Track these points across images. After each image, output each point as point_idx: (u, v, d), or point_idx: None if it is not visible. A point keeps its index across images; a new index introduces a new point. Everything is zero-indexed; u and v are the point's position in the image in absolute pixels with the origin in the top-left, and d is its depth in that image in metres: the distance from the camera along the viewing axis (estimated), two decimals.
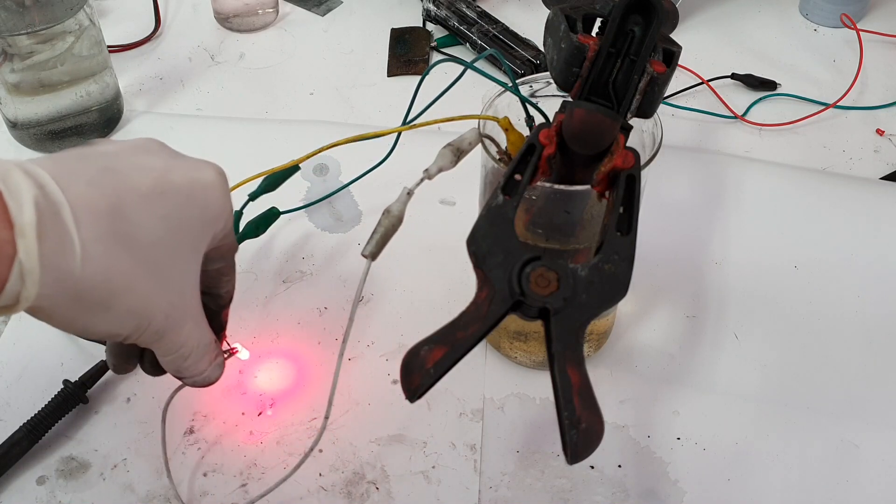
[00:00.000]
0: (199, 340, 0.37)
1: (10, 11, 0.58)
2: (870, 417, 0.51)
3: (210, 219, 0.36)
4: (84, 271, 0.30)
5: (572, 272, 0.35)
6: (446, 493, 0.47)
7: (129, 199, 0.32)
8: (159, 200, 0.33)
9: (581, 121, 0.37)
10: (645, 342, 0.55)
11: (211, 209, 0.36)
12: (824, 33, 0.84)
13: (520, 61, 0.74)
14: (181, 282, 0.35)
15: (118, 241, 0.31)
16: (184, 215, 0.35)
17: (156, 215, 0.33)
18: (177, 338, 0.36)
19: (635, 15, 0.37)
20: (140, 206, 0.33)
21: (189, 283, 0.36)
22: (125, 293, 0.32)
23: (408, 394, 0.34)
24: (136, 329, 0.33)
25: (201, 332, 0.38)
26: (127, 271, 0.32)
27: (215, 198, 0.36)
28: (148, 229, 0.33)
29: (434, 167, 0.40)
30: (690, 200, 0.64)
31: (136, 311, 0.33)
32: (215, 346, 0.40)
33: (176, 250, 0.34)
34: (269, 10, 0.83)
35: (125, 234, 0.32)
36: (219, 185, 0.37)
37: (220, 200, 0.37)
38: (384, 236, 0.40)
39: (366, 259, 0.40)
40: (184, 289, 0.35)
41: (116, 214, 0.32)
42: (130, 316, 0.33)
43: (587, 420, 0.33)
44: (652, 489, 0.47)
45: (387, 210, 0.40)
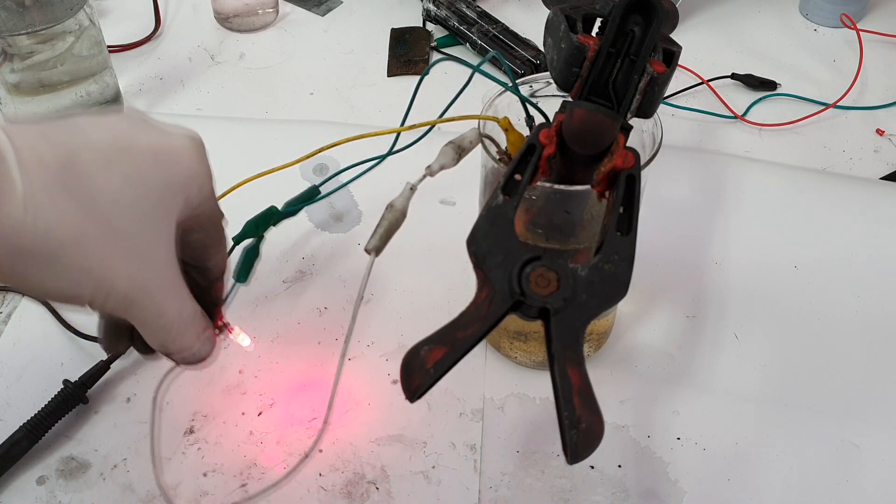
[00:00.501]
0: (179, 311, 0.36)
1: (10, 11, 0.58)
2: (870, 417, 0.51)
3: (180, 184, 0.35)
4: (26, 220, 0.29)
5: (572, 272, 0.35)
6: (446, 493, 0.47)
7: (84, 154, 0.31)
8: (120, 159, 0.32)
9: (581, 121, 0.37)
10: (645, 342, 0.55)
11: (181, 173, 0.35)
12: (824, 33, 0.84)
13: (520, 61, 0.74)
14: (149, 247, 0.33)
15: (69, 195, 0.30)
16: (149, 178, 0.33)
17: (116, 174, 0.32)
18: (150, 306, 0.34)
19: (635, 15, 0.37)
20: (97, 163, 0.32)
21: (160, 249, 0.34)
22: (75, 249, 0.31)
23: (408, 394, 0.34)
24: (96, 292, 0.32)
25: (181, 302, 0.36)
26: (77, 226, 0.31)
27: (186, 162, 0.35)
28: (106, 187, 0.32)
29: (436, 164, 0.40)
30: (690, 200, 0.64)
31: (91, 271, 0.31)
32: (202, 318, 0.38)
33: (141, 213, 0.33)
34: (269, 10, 0.83)
35: (78, 188, 0.31)
36: (190, 148, 0.35)
37: (193, 165, 0.35)
38: (388, 230, 0.39)
39: (369, 254, 0.39)
40: (152, 254, 0.34)
41: (69, 168, 0.31)
42: (85, 276, 0.31)
43: (587, 420, 0.33)
44: (652, 489, 0.47)
45: (390, 205, 0.40)
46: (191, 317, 0.37)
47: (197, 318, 0.37)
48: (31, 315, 0.56)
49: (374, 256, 0.39)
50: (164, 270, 0.35)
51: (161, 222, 0.34)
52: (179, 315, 0.36)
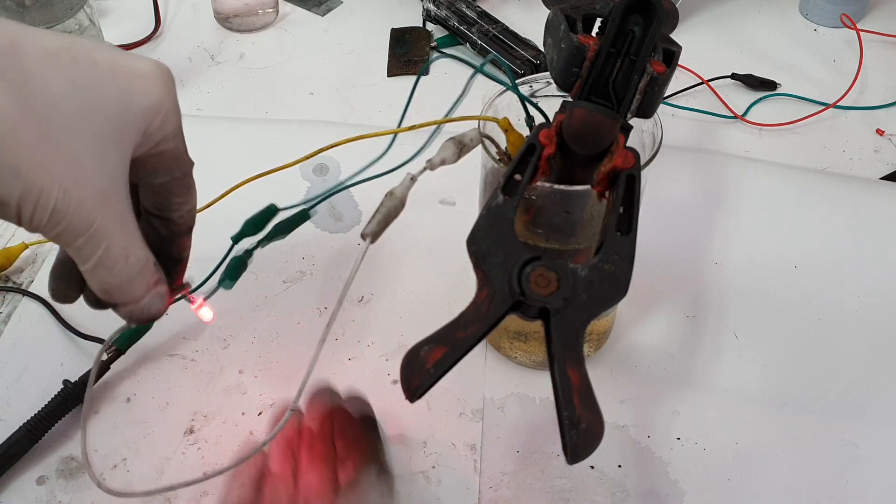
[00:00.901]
0: (125, 249, 0.32)
1: (10, 11, 0.58)
2: (870, 417, 0.51)
3: (140, 108, 0.32)
4: None
5: (572, 272, 0.35)
6: (446, 493, 0.47)
7: (30, 48, 0.29)
8: (70, 64, 0.30)
9: (581, 121, 0.37)
10: (645, 342, 0.55)
11: (141, 98, 0.32)
12: (824, 33, 0.84)
13: (520, 61, 0.74)
14: (92, 164, 0.31)
15: (4, 82, 0.28)
16: (101, 91, 0.31)
17: (62, 76, 0.30)
18: (88, 231, 0.31)
19: (635, 15, 0.37)
20: (43, 60, 0.29)
21: (105, 171, 0.31)
22: (3, 140, 0.28)
23: (408, 394, 0.34)
24: (23, 197, 0.29)
25: (130, 241, 0.32)
26: (8, 115, 0.28)
27: (148, 87, 0.32)
28: (48, 86, 0.29)
29: (437, 158, 0.40)
30: (690, 200, 0.64)
31: (19, 168, 0.28)
32: (154, 269, 0.34)
33: (85, 126, 0.30)
34: (269, 10, 0.83)
35: (15, 78, 0.28)
36: (156, 75, 0.33)
37: (155, 91, 0.33)
38: (385, 216, 0.39)
39: (365, 240, 0.39)
40: (95, 172, 0.31)
41: (10, 54, 0.28)
42: (12, 175, 0.28)
43: (587, 420, 0.33)
44: (652, 489, 0.47)
45: (389, 192, 0.40)
46: (139, 262, 0.33)
47: (148, 267, 0.34)
48: (31, 315, 0.56)
49: (370, 242, 0.38)
50: (109, 196, 0.31)
51: (110, 142, 0.31)
52: (125, 254, 0.32)
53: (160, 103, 0.33)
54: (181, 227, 0.38)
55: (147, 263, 0.34)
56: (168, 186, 0.36)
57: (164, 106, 0.33)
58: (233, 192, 0.53)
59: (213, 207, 0.55)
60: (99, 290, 0.33)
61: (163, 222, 0.37)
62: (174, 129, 0.34)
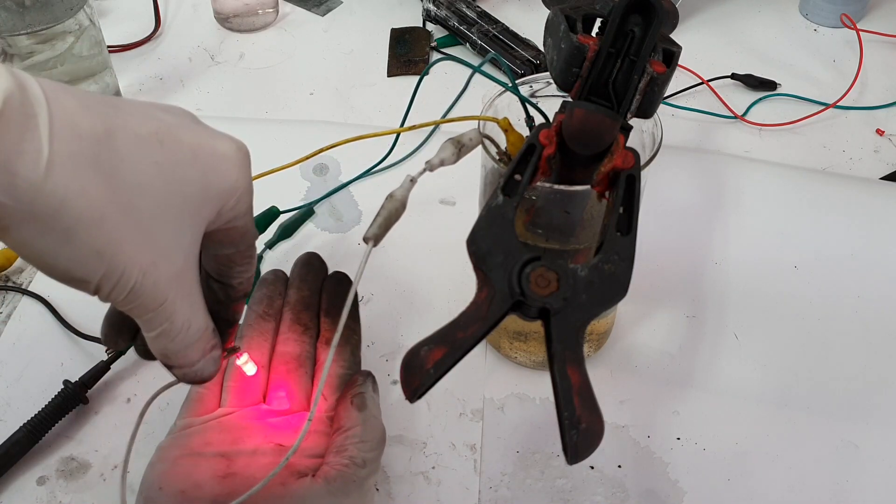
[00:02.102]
0: (188, 320, 0.34)
1: (10, 11, 0.58)
2: (870, 417, 0.51)
3: (217, 190, 0.33)
4: (46, 184, 0.27)
5: (572, 272, 0.35)
6: (446, 494, 0.47)
7: (122, 133, 0.30)
8: (156, 147, 0.31)
9: (581, 121, 0.37)
10: (645, 342, 0.55)
11: (219, 180, 0.33)
12: (824, 33, 0.84)
13: (520, 61, 0.74)
14: (169, 244, 0.32)
15: (96, 170, 0.29)
16: (183, 174, 0.32)
17: (149, 161, 0.31)
18: (159, 305, 0.32)
19: (635, 15, 0.37)
20: (133, 146, 0.30)
21: (180, 251, 0.33)
22: (91, 226, 0.29)
23: (408, 394, 0.34)
24: (105, 277, 0.30)
25: (193, 313, 0.34)
26: (98, 203, 0.29)
27: (227, 169, 0.33)
28: (136, 171, 0.30)
29: (436, 159, 0.40)
30: (690, 200, 0.64)
31: (103, 253, 0.30)
32: (211, 335, 0.36)
33: (167, 208, 0.32)
34: (269, 10, 0.83)
35: (107, 166, 0.29)
36: (235, 158, 0.34)
37: (234, 174, 0.34)
38: (387, 219, 0.39)
39: (367, 243, 0.39)
40: (172, 253, 0.32)
41: (103, 143, 0.29)
42: (97, 258, 0.29)
43: (587, 420, 0.33)
44: (652, 489, 0.47)
45: (390, 195, 0.39)
46: (200, 331, 0.35)
47: (207, 335, 0.36)
48: (31, 315, 0.56)
49: (372, 246, 0.38)
50: (181, 273, 0.33)
51: (188, 223, 0.33)
52: (188, 325, 0.34)
53: (237, 185, 0.34)
54: (239, 293, 0.40)
55: (206, 331, 0.36)
56: (232, 257, 0.38)
57: (240, 188, 0.34)
58: None
59: None
60: (158, 354, 0.35)
61: (222, 287, 0.39)
62: (246, 209, 0.36)
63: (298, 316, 0.47)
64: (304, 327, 0.46)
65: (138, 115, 0.31)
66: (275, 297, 0.47)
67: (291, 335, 0.46)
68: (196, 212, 0.33)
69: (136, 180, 0.30)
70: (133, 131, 0.31)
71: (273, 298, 0.47)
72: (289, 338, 0.46)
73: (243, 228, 0.37)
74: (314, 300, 0.48)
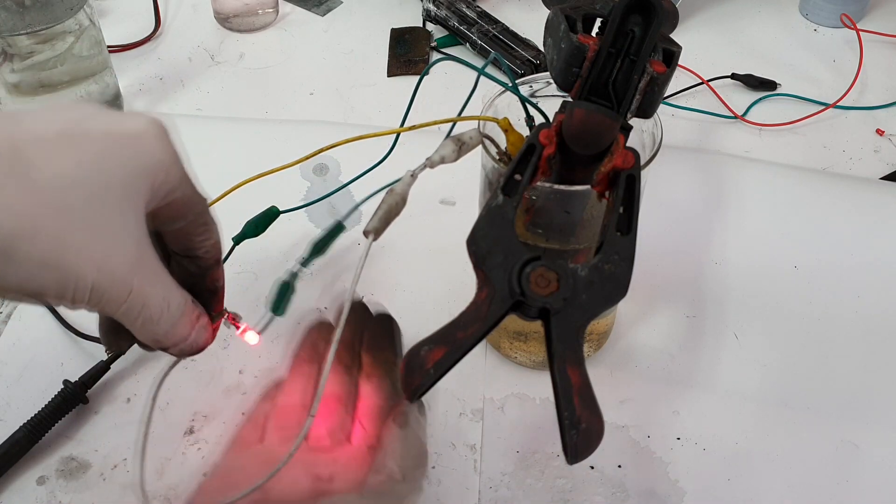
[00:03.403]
0: (164, 299, 0.34)
1: (10, 11, 0.58)
2: (870, 417, 0.51)
3: (142, 168, 0.33)
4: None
5: (572, 272, 0.35)
6: (446, 493, 0.47)
7: (29, 143, 0.30)
8: (69, 145, 0.31)
9: (581, 121, 0.37)
10: (645, 342, 0.54)
11: (141, 158, 0.33)
12: (824, 33, 0.84)
13: (520, 61, 0.74)
14: (114, 233, 0.32)
15: (15, 183, 0.29)
16: (104, 162, 0.32)
17: (66, 159, 0.31)
18: (128, 295, 0.32)
19: (635, 15, 0.37)
20: (44, 150, 0.30)
21: (127, 236, 0.33)
22: (27, 240, 0.29)
23: (408, 394, 0.34)
24: (60, 284, 0.30)
25: (166, 290, 0.34)
26: (26, 215, 0.29)
27: (145, 146, 0.33)
28: (56, 174, 0.30)
29: (436, 156, 0.40)
30: (690, 200, 0.64)
31: (48, 262, 0.30)
32: (193, 306, 0.36)
33: (99, 199, 0.31)
34: (269, 10, 0.83)
35: (24, 176, 0.29)
36: (150, 132, 0.34)
37: (154, 148, 0.34)
38: (386, 213, 0.39)
39: (367, 237, 0.39)
40: (119, 241, 0.32)
41: (13, 156, 0.29)
42: (44, 268, 0.30)
43: (587, 420, 0.33)
44: (652, 489, 0.47)
45: (390, 189, 0.40)
46: (179, 306, 0.35)
47: (188, 307, 0.36)
48: (31, 315, 0.56)
49: (373, 239, 0.38)
50: (138, 259, 0.33)
51: (124, 208, 0.33)
52: (165, 304, 0.34)
53: (161, 159, 0.34)
54: (208, 261, 0.40)
55: (186, 303, 0.36)
56: (186, 229, 0.38)
57: (164, 161, 0.34)
58: (233, 192, 0.53)
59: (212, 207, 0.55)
60: (149, 341, 0.35)
61: (191, 261, 0.39)
62: (178, 179, 0.35)
63: (340, 356, 0.46)
64: (345, 366, 0.46)
65: (41, 121, 0.32)
66: (318, 342, 0.47)
67: (332, 375, 0.45)
68: (128, 196, 0.33)
69: (58, 183, 0.30)
70: (39, 137, 0.31)
71: (316, 344, 0.47)
72: (330, 378, 0.45)
73: (185, 199, 0.36)
74: (355, 339, 0.47)
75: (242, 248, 0.56)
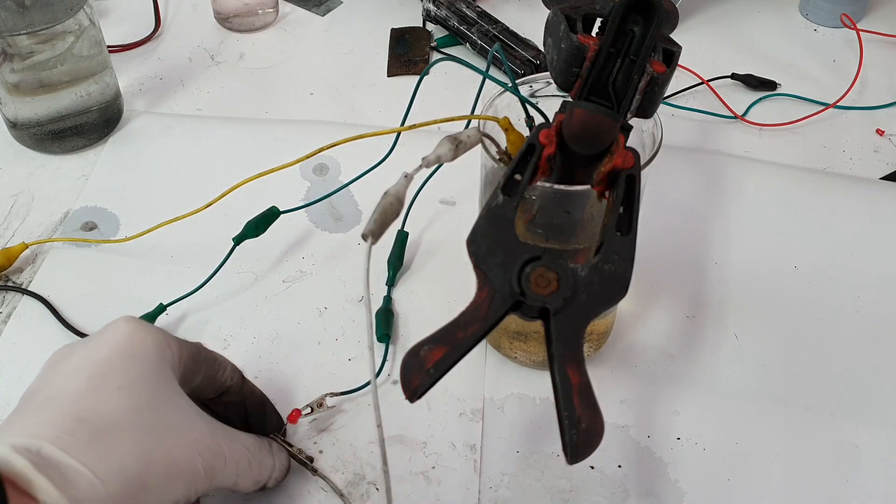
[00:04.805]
0: (243, 447, 0.39)
1: (10, 11, 0.58)
2: (870, 417, 0.51)
3: (152, 359, 0.37)
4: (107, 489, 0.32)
5: (572, 272, 0.35)
6: (446, 494, 0.47)
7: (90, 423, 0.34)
8: (100, 386, 0.35)
9: (581, 121, 0.37)
10: (645, 342, 0.55)
11: (146, 353, 0.37)
12: (824, 33, 0.84)
13: (520, 61, 0.74)
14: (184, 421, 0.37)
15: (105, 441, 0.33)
16: (130, 377, 0.36)
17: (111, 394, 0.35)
18: (225, 462, 0.38)
19: (635, 15, 0.37)
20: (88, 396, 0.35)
21: (195, 415, 0.38)
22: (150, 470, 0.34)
23: (408, 394, 0.34)
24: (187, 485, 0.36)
25: (238, 438, 0.39)
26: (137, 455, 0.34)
27: (142, 344, 0.37)
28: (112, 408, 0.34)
29: (432, 155, 0.40)
30: (690, 200, 0.64)
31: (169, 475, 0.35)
32: (258, 448, 0.41)
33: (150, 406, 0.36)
34: (269, 10, 0.83)
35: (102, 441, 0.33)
36: (132, 331, 0.38)
37: (149, 342, 0.38)
38: (382, 214, 0.39)
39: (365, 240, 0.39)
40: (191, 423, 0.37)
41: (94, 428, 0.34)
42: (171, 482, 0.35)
43: (587, 420, 0.33)
44: (652, 489, 0.47)
45: (385, 191, 0.40)
46: (254, 443, 0.40)
47: (257, 440, 0.41)
48: (31, 315, 0.56)
49: (372, 242, 0.38)
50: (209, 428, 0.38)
51: (168, 396, 0.37)
52: (245, 450, 0.39)
53: (157, 342, 0.38)
54: (235, 385, 0.44)
55: (255, 439, 0.41)
56: (206, 374, 0.42)
57: (161, 341, 0.38)
58: (233, 192, 0.53)
59: (213, 207, 0.55)
60: (251, 486, 0.41)
61: (228, 395, 0.44)
62: (178, 344, 0.40)
63: None
64: None
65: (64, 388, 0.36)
66: None
67: None
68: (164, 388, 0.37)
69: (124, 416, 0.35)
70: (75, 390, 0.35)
71: None
72: None
73: (189, 354, 0.40)
74: None
75: (242, 248, 0.56)
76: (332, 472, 0.47)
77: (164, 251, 0.59)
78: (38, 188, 0.65)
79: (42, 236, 0.61)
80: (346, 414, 0.50)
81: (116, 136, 0.69)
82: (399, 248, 0.58)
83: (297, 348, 0.54)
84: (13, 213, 0.63)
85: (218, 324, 0.55)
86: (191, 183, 0.64)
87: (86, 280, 0.58)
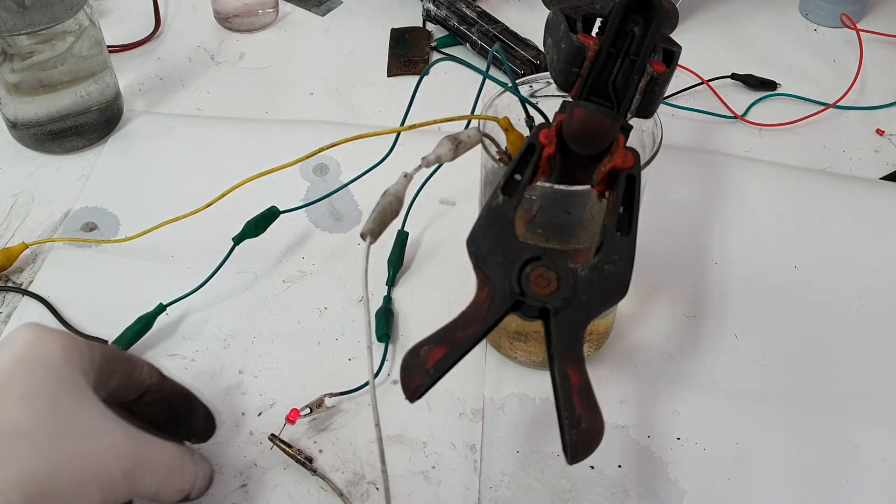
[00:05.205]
0: (167, 454, 0.38)
1: (10, 11, 0.58)
2: (870, 417, 0.51)
3: (57, 365, 0.37)
4: None
5: (572, 272, 0.35)
6: (446, 493, 0.47)
7: None
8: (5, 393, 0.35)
9: (581, 121, 0.37)
10: (645, 342, 0.55)
11: (51, 359, 0.37)
12: (824, 33, 0.84)
13: (520, 61, 0.74)
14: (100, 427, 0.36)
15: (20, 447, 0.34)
16: (32, 385, 0.36)
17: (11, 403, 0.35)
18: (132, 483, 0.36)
19: (635, 15, 0.37)
20: None
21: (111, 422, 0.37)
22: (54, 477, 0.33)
23: (408, 394, 0.34)
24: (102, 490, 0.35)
25: (151, 454, 0.38)
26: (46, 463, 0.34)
27: (46, 350, 0.37)
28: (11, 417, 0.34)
29: (432, 155, 0.40)
30: (690, 200, 0.64)
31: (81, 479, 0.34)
32: (180, 456, 0.39)
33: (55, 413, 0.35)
34: (269, 10, 0.83)
35: None
36: (35, 338, 0.37)
37: (54, 347, 0.37)
38: (381, 213, 0.39)
39: (364, 239, 0.39)
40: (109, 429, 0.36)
41: None
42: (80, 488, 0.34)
43: (587, 420, 0.33)
44: (652, 489, 0.47)
45: (385, 191, 0.40)
46: (178, 451, 0.39)
47: (180, 448, 0.40)
48: (31, 315, 0.56)
49: (370, 241, 0.38)
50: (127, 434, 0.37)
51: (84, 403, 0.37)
52: (168, 456, 0.38)
53: (65, 348, 0.37)
54: (155, 384, 0.43)
55: (178, 447, 0.40)
56: (123, 375, 0.41)
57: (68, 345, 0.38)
58: (233, 192, 0.53)
59: (213, 207, 0.55)
60: (176, 496, 0.39)
61: (150, 395, 0.43)
62: (87, 346, 0.39)
63: None
64: None
65: None
66: None
67: None
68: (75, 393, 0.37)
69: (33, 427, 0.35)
70: None
71: None
72: None
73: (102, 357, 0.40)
74: None
75: (242, 248, 0.56)
76: (331, 472, 0.47)
77: (164, 251, 0.59)
78: (38, 188, 0.65)
79: (42, 236, 0.61)
80: (346, 413, 0.50)
81: (116, 136, 0.69)
82: (399, 248, 0.58)
83: (296, 348, 0.54)
84: (13, 213, 0.63)
85: (218, 324, 0.55)
86: (191, 183, 0.64)
87: (86, 280, 0.58)
